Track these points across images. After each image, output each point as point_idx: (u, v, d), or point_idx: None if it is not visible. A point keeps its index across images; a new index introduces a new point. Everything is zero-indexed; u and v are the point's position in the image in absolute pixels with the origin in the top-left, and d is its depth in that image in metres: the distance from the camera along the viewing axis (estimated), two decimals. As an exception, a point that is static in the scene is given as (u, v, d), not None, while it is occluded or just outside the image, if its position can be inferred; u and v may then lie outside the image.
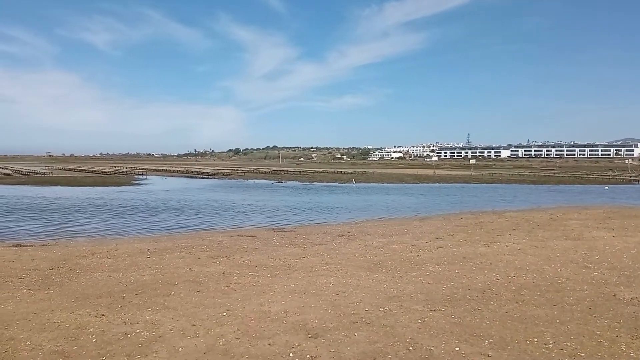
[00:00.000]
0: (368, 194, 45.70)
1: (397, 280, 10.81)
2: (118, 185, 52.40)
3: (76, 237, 18.92)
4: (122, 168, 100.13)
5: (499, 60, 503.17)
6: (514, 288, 10.06)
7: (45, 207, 29.18)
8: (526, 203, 36.92)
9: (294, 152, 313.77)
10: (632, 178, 77.11)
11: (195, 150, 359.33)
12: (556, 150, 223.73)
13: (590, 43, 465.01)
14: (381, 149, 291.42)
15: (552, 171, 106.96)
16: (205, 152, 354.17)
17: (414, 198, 41.88)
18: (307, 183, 63.16)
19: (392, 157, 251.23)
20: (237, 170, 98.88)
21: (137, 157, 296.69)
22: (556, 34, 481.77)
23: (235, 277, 11.00)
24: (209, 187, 53.64)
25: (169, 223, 23.64)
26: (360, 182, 65.14)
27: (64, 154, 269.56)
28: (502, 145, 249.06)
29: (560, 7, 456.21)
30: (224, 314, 8.19)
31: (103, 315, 8.08)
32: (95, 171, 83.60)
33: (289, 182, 64.33)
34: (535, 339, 7.03)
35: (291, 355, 6.44)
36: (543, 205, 34.68)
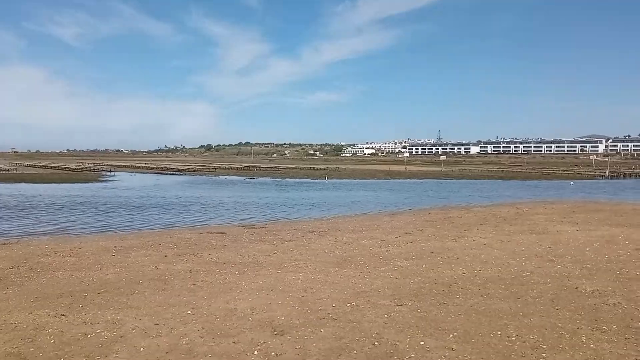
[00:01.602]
0: (340, 190, 45.79)
1: (365, 275, 10.82)
2: (85, 182, 51.18)
3: (39, 235, 18.36)
4: (89, 164, 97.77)
5: (470, 58, 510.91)
6: (479, 282, 10.19)
7: (6, 205, 28.23)
8: (494, 198, 37.58)
9: (266, 148, 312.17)
10: (596, 173, 79.33)
11: (166, 147, 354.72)
12: (524, 147, 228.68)
13: (560, 41, 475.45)
14: (354, 145, 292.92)
15: (520, 167, 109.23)
16: (176, 148, 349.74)
17: (385, 194, 42.15)
18: (280, 179, 62.92)
19: (365, 154, 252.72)
20: (209, 166, 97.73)
21: (105, 153, 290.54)
22: (527, 32, 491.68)
23: (202, 275, 10.83)
24: (179, 183, 52.87)
25: (136, 220, 23.18)
26: (332, 179, 65.26)
27: (29, 150, 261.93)
28: (471, 142, 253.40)
29: (532, 4, 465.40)
30: (189, 312, 8.04)
31: (63, 315, 7.84)
32: (61, 168, 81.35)
33: (262, 179, 63.97)
34: (499, 332, 7.12)
35: (256, 353, 6.35)
36: (510, 200, 35.36)
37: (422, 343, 6.67)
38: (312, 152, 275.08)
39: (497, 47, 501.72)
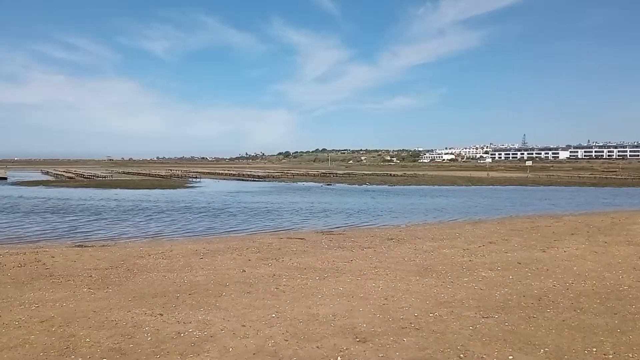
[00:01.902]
0: (418, 197, 45.08)
1: (447, 285, 10.59)
2: (173, 188, 54.16)
3: (133, 238, 19.70)
4: (177, 171, 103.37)
5: (558, 58, 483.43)
6: (572, 295, 9.65)
7: (104, 208, 30.57)
8: (586, 206, 35.30)
9: (343, 154, 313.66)
10: None
11: (246, 154, 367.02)
12: (618, 151, 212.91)
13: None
14: (432, 150, 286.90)
15: (615, 173, 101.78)
16: (256, 155, 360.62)
17: (466, 201, 40.95)
18: (357, 185, 63.04)
19: (444, 159, 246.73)
20: (287, 172, 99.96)
21: (191, 160, 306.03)
22: (621, 29, 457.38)
23: (284, 279, 11.12)
24: (259, 189, 54.54)
25: (221, 224, 24.20)
26: (410, 185, 64.37)
27: (123, 158, 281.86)
28: (560, 146, 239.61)
29: (622, 2, 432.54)
30: (273, 315, 8.30)
31: (160, 314, 8.37)
32: (152, 174, 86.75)
33: (338, 185, 64.42)
34: (594, 349, 6.71)
35: (339, 359, 6.43)
36: (604, 208, 33.06)
37: (510, 357, 6.43)
38: (388, 158, 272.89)
39: (587, 47, 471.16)
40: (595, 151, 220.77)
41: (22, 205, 33.01)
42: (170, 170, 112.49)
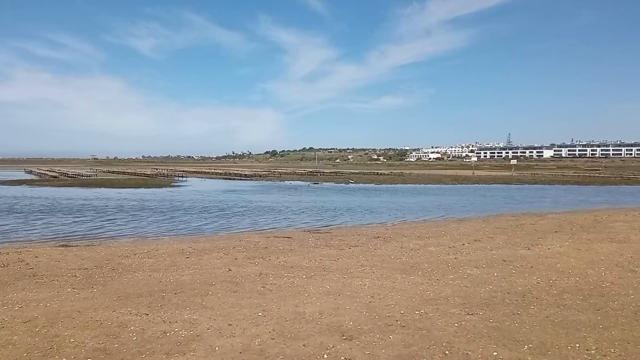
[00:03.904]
0: (405, 196, 45.31)
1: (433, 283, 10.67)
2: (159, 187, 53.77)
3: (118, 237, 19.53)
4: (163, 170, 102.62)
5: (542, 58, 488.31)
6: (555, 292, 9.78)
7: (88, 208, 30.25)
8: (570, 204, 35.77)
9: (330, 153, 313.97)
10: (684, 178, 73.52)
11: (233, 153, 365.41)
12: (602, 150, 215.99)
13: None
14: (419, 149, 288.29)
15: (598, 171, 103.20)
16: (243, 154, 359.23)
17: (452, 199, 41.25)
18: (343, 184, 63.15)
19: (430, 158, 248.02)
20: (274, 171, 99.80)
21: (177, 159, 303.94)
22: (605, 29, 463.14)
23: (271, 278, 11.12)
24: (246, 188, 54.38)
25: (208, 224, 24.09)
26: (396, 184, 64.67)
27: (108, 157, 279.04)
28: (544, 145, 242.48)
29: (610, 2, 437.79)
30: (260, 314, 8.30)
31: (145, 314, 8.31)
32: (137, 173, 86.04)
33: (325, 184, 64.47)
34: (577, 345, 6.81)
35: (326, 356, 6.46)
36: (587, 206, 33.53)
37: (495, 354, 6.51)
38: (375, 157, 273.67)
39: (572, 47, 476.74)
40: (579, 150, 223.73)
41: (2, 204, 32.53)
42: (156, 169, 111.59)
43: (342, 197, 42.44)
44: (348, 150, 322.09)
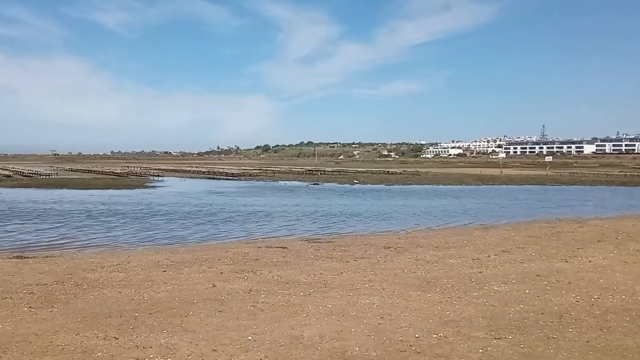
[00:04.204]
0: (420, 199, 45.34)
1: (454, 301, 10.69)
2: (130, 189, 53.82)
3: (83, 247, 19.54)
4: (135, 168, 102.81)
5: (584, 35, 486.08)
6: (597, 312, 9.79)
7: (48, 213, 30.25)
8: (615, 209, 35.78)
9: (332, 148, 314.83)
10: None
11: (218, 148, 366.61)
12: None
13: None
14: (436, 144, 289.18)
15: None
16: (229, 149, 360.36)
17: (476, 203, 41.28)
18: (348, 185, 63.21)
19: (450, 154, 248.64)
20: (266, 170, 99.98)
21: (152, 155, 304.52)
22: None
23: (262, 296, 11.13)
24: (233, 189, 54.42)
25: (188, 232, 24.11)
26: (410, 184, 64.73)
27: (70, 153, 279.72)
28: (585, 139, 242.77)
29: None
30: (250, 338, 8.31)
31: (114, 337, 8.32)
32: (105, 172, 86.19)
33: (327, 184, 64.55)
34: (624, 375, 6.82)
35: (327, 388, 6.46)
36: (636, 211, 33.53)
37: (526, 385, 6.51)
38: (385, 153, 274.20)
39: (616, 22, 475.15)
40: (626, 145, 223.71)
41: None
42: (127, 167, 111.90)
43: (346, 200, 42.47)
44: (353, 145, 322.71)
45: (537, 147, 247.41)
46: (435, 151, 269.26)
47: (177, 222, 27.36)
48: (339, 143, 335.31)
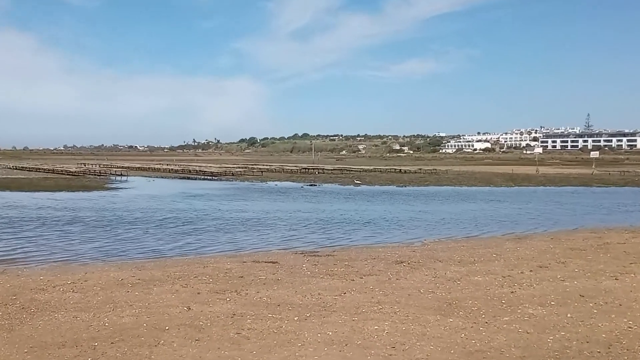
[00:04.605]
0: (440, 203, 45.40)
1: (481, 327, 10.69)
2: (88, 190, 53.76)
3: (31, 262, 19.49)
4: (94, 166, 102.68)
5: (636, 8, 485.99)
6: (655, 341, 9.79)
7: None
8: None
9: (332, 142, 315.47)
10: None
11: (195, 141, 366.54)
12: None
13: None
14: (459, 137, 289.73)
15: None
16: (208, 143, 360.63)
17: (506, 208, 41.32)
18: (352, 187, 63.21)
19: (475, 149, 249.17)
20: (253, 168, 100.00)
21: (115, 150, 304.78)
22: None
23: (249, 321, 11.12)
24: (213, 192, 54.42)
25: (159, 243, 24.07)
26: (427, 185, 64.74)
27: (15, 148, 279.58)
28: (638, 131, 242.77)
29: None
30: (233, 372, 8.29)
31: (66, 371, 8.30)
32: (57, 171, 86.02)
33: (326, 185, 64.61)
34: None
35: None
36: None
37: None
38: (397, 147, 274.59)
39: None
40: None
41: None
42: (84, 164, 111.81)
43: (349, 205, 42.52)
44: (358, 138, 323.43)
45: (580, 140, 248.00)
46: (458, 145, 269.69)
47: (144, 232, 27.30)
48: (341, 135, 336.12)
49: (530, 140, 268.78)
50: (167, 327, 10.65)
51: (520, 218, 34.73)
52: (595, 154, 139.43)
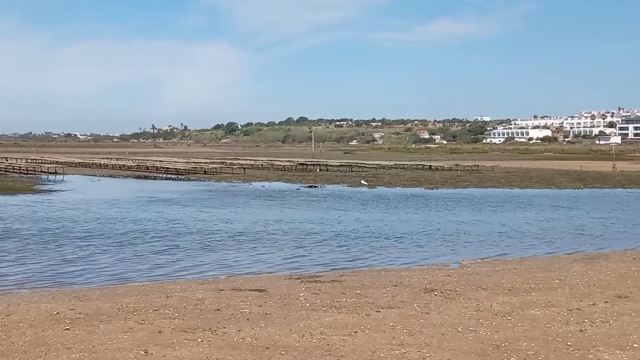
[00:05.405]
0: (482, 211, 45.38)
1: (539, 379, 10.68)
2: (11, 193, 53.81)
3: None
4: (18, 161, 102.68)
5: None
6: None
7: None
8: None
9: (339, 129, 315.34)
10: None
11: (154, 128, 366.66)
12: None
13: None
14: (508, 122, 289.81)
15: None
16: (172, 130, 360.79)
17: (573, 217, 41.33)
18: (365, 189, 63.15)
19: (531, 138, 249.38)
20: (232, 163, 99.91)
21: (46, 140, 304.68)
22: None
23: (227, 370, 11.12)
24: (178, 195, 54.50)
25: (104, 263, 24.10)
26: (467, 187, 64.76)
27: None
28: None
29: None
30: None
31: None
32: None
33: (330, 187, 64.63)
34: None
35: None
36: None
37: None
38: (426, 136, 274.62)
39: None
40: None
41: None
42: (5, 158, 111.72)
43: (360, 214, 42.56)
44: (373, 124, 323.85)
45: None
46: (507, 133, 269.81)
47: (87, 248, 27.32)
48: (350, 120, 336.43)
49: (604, 126, 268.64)
50: (118, 379, 10.65)
51: (590, 231, 34.67)
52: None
